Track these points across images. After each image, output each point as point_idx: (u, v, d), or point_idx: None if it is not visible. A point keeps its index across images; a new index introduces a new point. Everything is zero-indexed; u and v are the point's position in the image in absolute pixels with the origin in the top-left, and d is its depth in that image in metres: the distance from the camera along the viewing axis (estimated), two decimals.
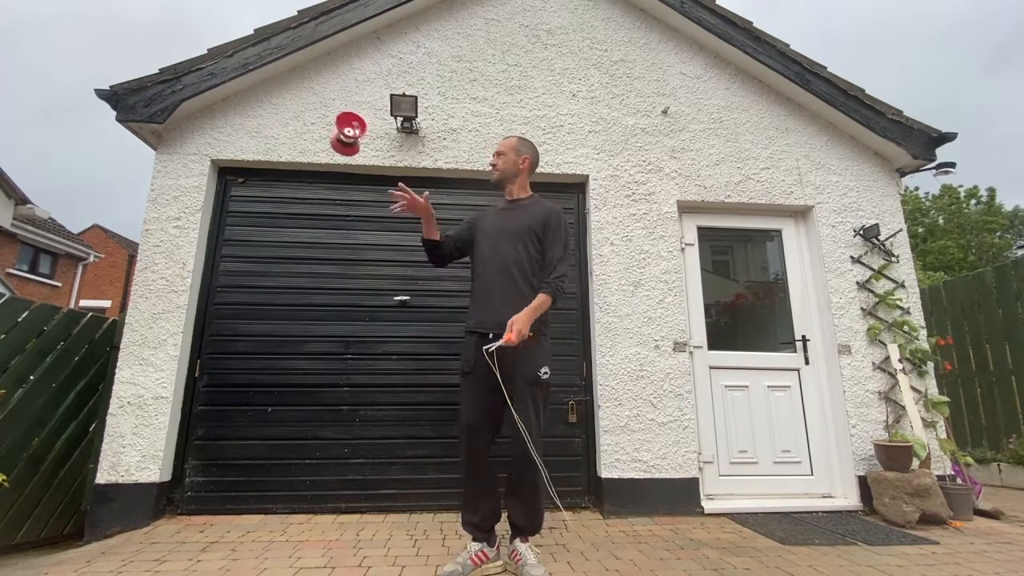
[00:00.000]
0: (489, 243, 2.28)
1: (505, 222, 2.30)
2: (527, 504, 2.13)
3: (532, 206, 2.33)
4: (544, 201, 2.37)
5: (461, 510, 2.24)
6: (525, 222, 2.25)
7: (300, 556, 2.34)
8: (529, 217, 2.26)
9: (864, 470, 3.24)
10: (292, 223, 3.47)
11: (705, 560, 2.32)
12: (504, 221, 2.30)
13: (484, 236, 2.31)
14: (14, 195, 13.13)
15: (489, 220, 2.36)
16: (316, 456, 3.14)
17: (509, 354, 2.06)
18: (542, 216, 2.26)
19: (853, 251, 3.64)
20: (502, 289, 2.16)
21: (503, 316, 2.05)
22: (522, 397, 2.07)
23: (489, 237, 2.29)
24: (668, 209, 3.59)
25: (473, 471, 2.15)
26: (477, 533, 2.15)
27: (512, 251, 2.20)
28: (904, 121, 3.68)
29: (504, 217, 2.33)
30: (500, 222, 2.31)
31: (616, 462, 3.14)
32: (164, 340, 3.08)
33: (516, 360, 2.08)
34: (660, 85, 3.84)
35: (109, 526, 2.78)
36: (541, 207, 2.31)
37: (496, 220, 2.34)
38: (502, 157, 2.35)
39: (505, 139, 2.44)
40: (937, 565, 2.29)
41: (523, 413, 2.04)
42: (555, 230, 2.25)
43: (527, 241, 2.21)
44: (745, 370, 3.50)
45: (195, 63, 3.31)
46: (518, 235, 2.23)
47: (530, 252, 2.20)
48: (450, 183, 3.60)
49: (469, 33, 3.82)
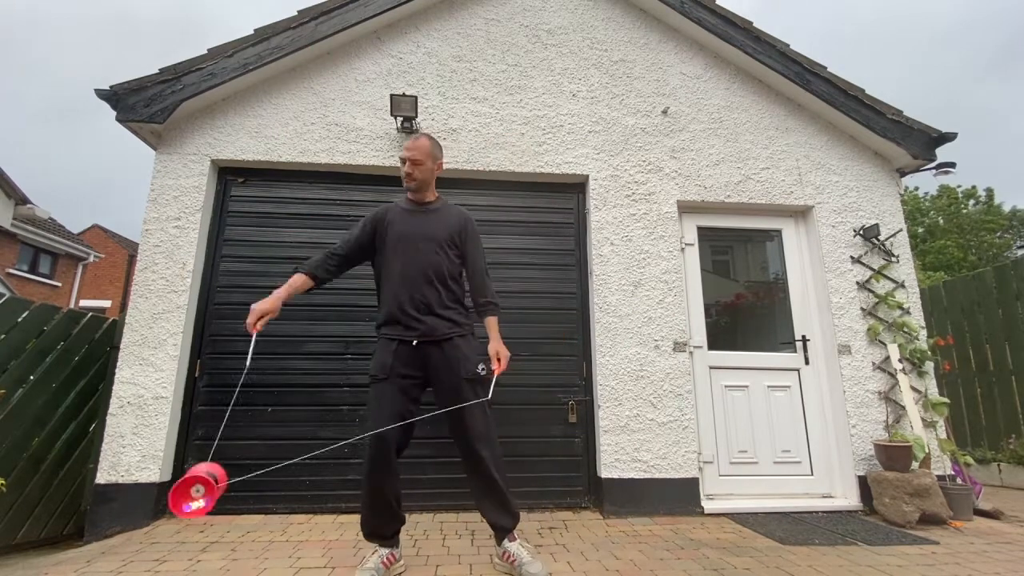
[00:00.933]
0: (407, 248, 2.18)
1: (422, 227, 2.23)
2: (498, 501, 2.12)
3: (445, 210, 2.32)
4: (452, 205, 2.37)
5: (363, 520, 2.11)
6: (443, 228, 2.24)
7: (300, 556, 2.34)
8: (446, 223, 2.26)
9: (864, 470, 3.24)
10: (292, 223, 3.47)
11: (705, 560, 2.32)
12: (420, 226, 2.23)
13: (399, 240, 2.20)
14: (14, 195, 13.13)
15: (401, 224, 2.24)
16: (316, 456, 3.13)
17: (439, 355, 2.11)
18: (460, 223, 2.28)
19: (853, 251, 3.64)
20: (427, 296, 2.13)
21: (428, 325, 2.10)
22: (467, 397, 2.07)
23: (406, 242, 2.19)
24: (668, 209, 3.59)
25: (381, 480, 2.04)
26: (383, 541, 2.11)
27: (435, 258, 2.18)
28: (904, 121, 3.68)
29: (419, 221, 2.25)
30: (416, 227, 2.23)
31: (616, 462, 3.14)
32: (164, 340, 3.08)
33: (450, 360, 2.10)
34: (660, 85, 3.84)
35: (109, 526, 2.78)
36: (456, 213, 2.32)
37: (410, 224, 2.24)
38: (420, 167, 2.23)
39: (415, 141, 2.26)
40: (937, 565, 2.29)
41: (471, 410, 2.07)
42: (474, 238, 2.30)
43: (447, 247, 2.22)
44: (745, 370, 3.51)
45: (195, 63, 3.31)
46: (437, 242, 2.20)
47: (450, 257, 2.22)
48: (450, 183, 3.59)
49: (469, 33, 3.82)
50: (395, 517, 2.13)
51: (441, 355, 2.11)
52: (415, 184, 2.27)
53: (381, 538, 2.12)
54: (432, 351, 2.11)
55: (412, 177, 2.25)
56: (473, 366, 2.12)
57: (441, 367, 2.10)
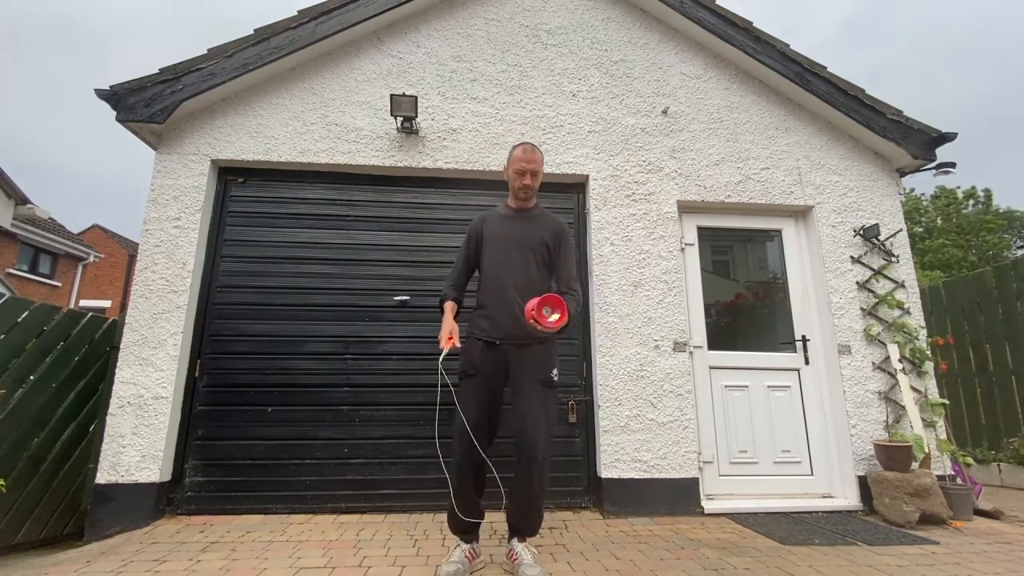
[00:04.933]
0: (501, 252, 2.27)
1: (517, 232, 2.29)
2: (528, 506, 2.13)
3: (542, 217, 2.35)
4: (549, 212, 2.40)
5: (449, 514, 2.19)
6: (538, 234, 2.28)
7: (300, 556, 2.34)
8: (541, 229, 2.29)
9: (864, 470, 3.24)
10: (292, 223, 3.47)
11: (705, 560, 2.32)
12: (516, 231, 2.30)
13: (494, 244, 2.29)
14: (14, 195, 13.12)
15: (496, 228, 2.33)
16: (316, 456, 3.14)
17: (519, 357, 2.13)
18: (555, 230, 2.31)
19: (853, 251, 3.64)
20: (513, 299, 2.17)
21: (517, 328, 2.11)
22: (535, 399, 2.09)
23: (500, 246, 2.28)
24: (668, 209, 3.59)
25: (468, 475, 2.12)
26: (465, 536, 2.17)
27: (525, 263, 2.23)
28: (904, 121, 3.68)
29: (515, 226, 2.31)
30: (511, 231, 2.30)
31: (616, 462, 3.14)
32: (164, 340, 3.08)
33: (528, 362, 2.13)
34: (660, 85, 3.84)
35: (109, 526, 2.78)
36: (552, 220, 2.35)
37: (505, 228, 2.32)
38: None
39: (533, 153, 2.28)
40: (937, 565, 2.29)
41: (536, 412, 2.07)
42: (568, 247, 2.33)
43: (540, 252, 2.25)
44: (745, 370, 3.50)
45: (195, 63, 3.31)
46: (530, 246, 2.25)
47: (541, 263, 2.26)
48: (450, 183, 3.60)
49: (469, 33, 3.82)
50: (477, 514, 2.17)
51: (519, 358, 2.15)
52: (531, 194, 2.33)
53: (463, 533, 2.16)
54: (513, 353, 2.16)
55: (530, 188, 2.30)
56: (548, 370, 2.16)
57: (517, 368, 2.14)
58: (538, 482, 2.08)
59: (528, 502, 2.13)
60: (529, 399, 2.09)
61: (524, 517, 2.15)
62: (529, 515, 2.15)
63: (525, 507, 2.14)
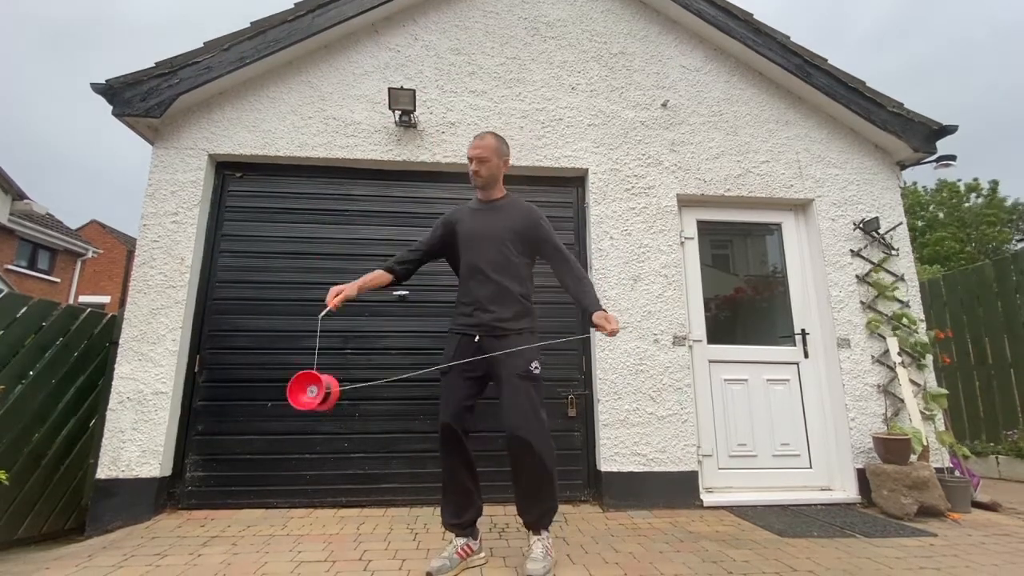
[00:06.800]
0: (472, 245, 2.24)
1: (485, 223, 2.26)
2: (528, 498, 2.13)
3: (510, 207, 2.31)
4: (518, 199, 2.36)
5: (441, 509, 2.20)
6: (507, 224, 2.24)
7: (301, 550, 2.35)
8: (510, 218, 2.26)
9: (863, 463, 3.25)
10: (290, 217, 3.46)
11: (704, 552, 2.33)
12: (484, 223, 2.26)
13: (465, 239, 2.27)
14: (11, 190, 13.06)
15: (468, 222, 2.30)
16: (316, 450, 3.15)
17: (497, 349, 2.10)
18: (523, 217, 2.27)
19: (853, 244, 3.63)
20: (491, 292, 2.16)
21: (491, 317, 2.13)
22: (519, 392, 2.08)
23: (470, 239, 2.25)
24: (668, 203, 3.58)
25: (454, 470, 2.13)
26: (459, 531, 2.16)
27: (496, 254, 2.19)
28: (904, 114, 3.66)
29: (483, 218, 2.28)
30: (480, 224, 2.27)
31: (615, 456, 3.15)
32: (163, 335, 3.08)
33: (505, 356, 2.10)
34: (660, 78, 3.81)
35: (110, 521, 2.79)
36: (520, 208, 2.31)
37: (475, 222, 2.29)
38: (486, 165, 2.25)
39: (480, 139, 2.28)
40: (935, 557, 2.30)
41: (520, 405, 2.05)
42: (546, 231, 2.28)
43: (511, 241, 2.21)
44: (744, 364, 3.51)
45: (191, 57, 3.29)
46: (499, 237, 2.21)
47: (514, 252, 2.21)
48: (448, 177, 3.58)
49: (467, 26, 3.79)
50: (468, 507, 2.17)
51: (497, 350, 2.12)
52: (481, 181, 2.29)
53: (455, 527, 2.16)
54: (492, 346, 2.13)
55: (479, 175, 2.27)
56: (527, 364, 2.11)
57: (496, 363, 2.11)
58: (536, 473, 2.07)
59: (528, 493, 2.12)
60: (512, 393, 2.07)
61: (526, 509, 2.14)
62: (531, 507, 2.13)
63: (525, 499, 2.13)
